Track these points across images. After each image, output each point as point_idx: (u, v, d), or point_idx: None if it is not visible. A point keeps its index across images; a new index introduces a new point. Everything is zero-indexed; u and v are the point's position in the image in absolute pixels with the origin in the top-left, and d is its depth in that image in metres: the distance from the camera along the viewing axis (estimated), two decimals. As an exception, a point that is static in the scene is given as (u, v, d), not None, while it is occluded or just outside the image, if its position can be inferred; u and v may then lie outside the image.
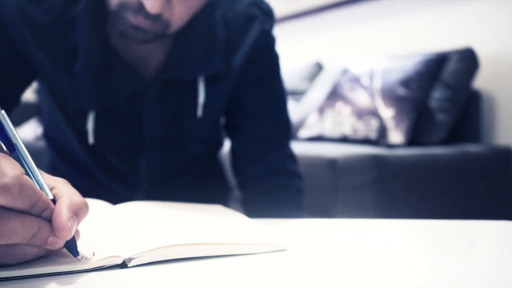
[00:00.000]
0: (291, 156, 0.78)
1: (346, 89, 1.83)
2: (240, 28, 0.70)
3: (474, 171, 1.60)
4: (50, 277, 0.32)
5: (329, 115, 1.83)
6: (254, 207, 0.75)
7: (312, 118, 1.90)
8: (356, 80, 1.81)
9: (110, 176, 0.75)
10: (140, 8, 0.56)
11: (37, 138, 2.69)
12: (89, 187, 0.77)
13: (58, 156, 0.80)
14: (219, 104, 0.72)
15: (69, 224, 0.30)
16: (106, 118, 0.67)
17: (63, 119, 0.70)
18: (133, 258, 0.34)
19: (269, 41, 0.74)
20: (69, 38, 0.62)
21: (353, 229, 0.49)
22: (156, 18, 0.56)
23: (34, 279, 0.32)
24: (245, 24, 0.70)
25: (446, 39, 2.00)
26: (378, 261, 0.37)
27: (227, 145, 0.91)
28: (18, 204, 0.29)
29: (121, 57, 0.65)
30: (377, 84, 1.72)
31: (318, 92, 2.08)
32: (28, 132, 2.75)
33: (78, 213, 0.32)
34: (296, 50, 2.68)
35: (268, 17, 0.73)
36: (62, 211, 0.31)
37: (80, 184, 0.36)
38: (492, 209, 1.61)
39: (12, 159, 0.31)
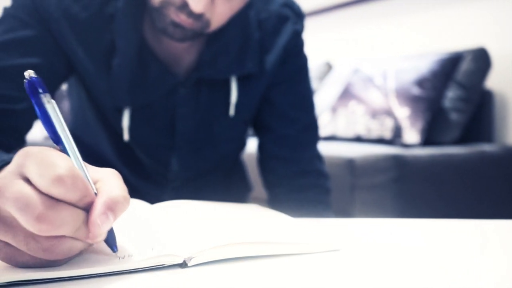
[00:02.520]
0: (318, 156, 0.79)
1: (358, 89, 1.82)
2: (273, 28, 0.70)
3: (490, 170, 1.60)
4: (110, 277, 0.32)
5: (342, 115, 1.82)
6: (282, 206, 0.75)
7: (325, 118, 1.90)
8: (369, 80, 1.81)
9: (138, 175, 0.75)
10: (184, 6, 0.55)
11: (46, 138, 2.69)
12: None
13: (83, 155, 0.79)
14: (251, 104, 0.72)
15: (99, 221, 0.30)
16: (140, 115, 0.67)
17: (95, 117, 0.70)
18: (193, 258, 0.34)
19: (300, 42, 0.74)
20: (107, 35, 0.62)
21: (404, 229, 0.49)
22: (198, 17, 0.56)
23: (95, 279, 0.31)
24: (277, 25, 0.71)
25: (458, 39, 1.99)
26: (430, 263, 0.36)
27: (249, 145, 0.91)
28: (69, 196, 0.29)
29: (156, 55, 0.65)
30: (391, 84, 1.72)
31: (329, 91, 2.07)
32: (37, 132, 2.75)
33: (114, 208, 0.31)
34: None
35: (299, 18, 0.73)
36: (96, 207, 0.30)
37: None
38: (507, 208, 1.61)
39: (56, 150, 0.31)
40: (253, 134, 0.83)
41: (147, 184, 0.76)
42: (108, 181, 0.33)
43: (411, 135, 1.58)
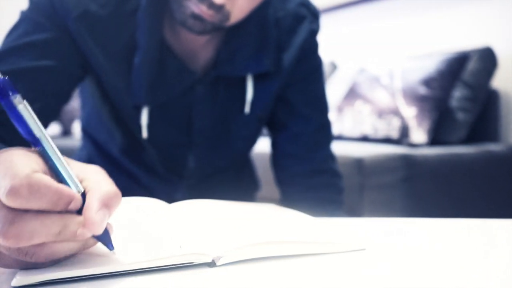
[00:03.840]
0: (331, 156, 0.79)
1: (365, 88, 1.82)
2: (290, 27, 0.71)
3: (498, 170, 1.60)
4: (138, 275, 0.32)
5: (348, 114, 1.82)
6: (296, 205, 0.75)
7: (331, 117, 1.90)
8: (375, 80, 1.81)
9: (151, 174, 0.75)
10: None
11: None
12: (127, 185, 0.77)
13: (97, 153, 0.80)
14: (267, 102, 0.72)
15: (98, 218, 0.29)
16: (158, 113, 0.68)
17: (109, 115, 0.70)
18: (221, 257, 0.34)
19: (316, 42, 0.75)
20: (125, 33, 0.62)
21: (427, 228, 0.49)
22: (219, 8, 0.56)
23: (123, 277, 0.31)
24: (294, 24, 0.71)
25: (464, 38, 1.99)
26: (457, 262, 0.36)
27: (258, 144, 0.91)
28: (33, 205, 0.27)
29: (174, 52, 0.65)
30: (398, 83, 1.71)
31: (334, 91, 2.07)
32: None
33: (108, 203, 0.30)
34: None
35: (315, 18, 0.74)
36: (91, 204, 0.29)
37: (116, 182, 0.33)
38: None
39: (29, 155, 0.30)
40: (264, 133, 0.83)
41: (159, 183, 0.76)
42: (95, 178, 0.31)
43: (418, 134, 1.58)
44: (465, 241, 0.43)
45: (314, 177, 0.75)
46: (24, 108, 0.30)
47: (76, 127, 2.72)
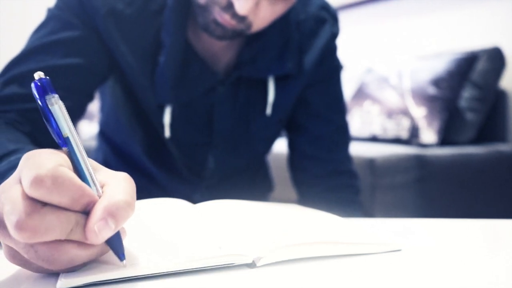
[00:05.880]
0: (349, 157, 0.79)
1: (373, 89, 1.82)
2: (311, 30, 0.71)
3: (508, 170, 1.59)
4: (181, 274, 0.32)
5: (357, 115, 1.82)
6: (315, 206, 0.75)
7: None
8: (384, 80, 1.81)
9: (170, 174, 0.75)
10: (229, 7, 0.56)
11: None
12: (145, 186, 0.77)
13: (113, 154, 0.80)
14: (288, 104, 0.73)
15: (96, 227, 0.27)
16: (180, 113, 0.68)
17: (130, 115, 0.70)
18: (262, 257, 0.34)
19: (335, 45, 0.76)
20: (150, 32, 0.63)
21: (446, 229, 0.49)
22: (242, 19, 0.56)
23: (163, 279, 0.31)
24: (315, 26, 0.72)
25: (473, 38, 1.99)
26: (495, 263, 0.36)
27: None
28: (55, 198, 0.27)
29: (197, 53, 0.65)
30: (407, 84, 1.71)
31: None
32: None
33: (115, 214, 0.28)
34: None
35: (335, 21, 0.74)
36: (95, 212, 0.28)
37: (135, 183, 0.32)
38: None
39: (58, 152, 0.30)
40: (281, 135, 0.83)
41: (178, 184, 0.75)
42: (114, 185, 0.30)
43: (428, 135, 1.58)
44: (486, 242, 0.43)
45: (333, 178, 0.75)
46: (59, 109, 0.30)
47: (84, 127, 2.73)
